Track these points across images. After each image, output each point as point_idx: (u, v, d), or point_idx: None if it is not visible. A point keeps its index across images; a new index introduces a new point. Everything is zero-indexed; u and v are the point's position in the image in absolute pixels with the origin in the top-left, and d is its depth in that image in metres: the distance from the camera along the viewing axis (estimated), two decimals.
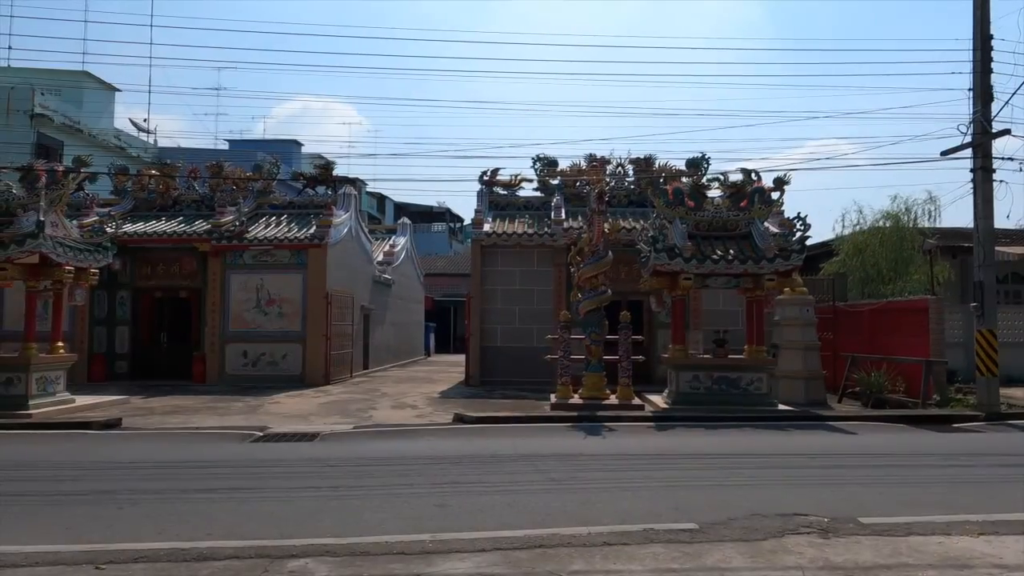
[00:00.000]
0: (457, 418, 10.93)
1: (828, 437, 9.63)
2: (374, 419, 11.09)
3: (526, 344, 17.06)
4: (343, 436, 9.45)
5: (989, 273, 11.81)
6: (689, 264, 12.00)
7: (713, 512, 5.57)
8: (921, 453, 8.38)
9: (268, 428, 9.95)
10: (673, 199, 12.82)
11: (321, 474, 6.91)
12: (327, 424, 10.45)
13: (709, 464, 7.63)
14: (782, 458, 7.98)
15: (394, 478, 6.74)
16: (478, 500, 5.90)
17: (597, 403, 12.06)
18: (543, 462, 7.54)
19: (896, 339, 14.43)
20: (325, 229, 17.15)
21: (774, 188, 12.88)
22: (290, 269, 17.16)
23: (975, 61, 11.87)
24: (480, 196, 19.14)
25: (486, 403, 13.15)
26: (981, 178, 11.77)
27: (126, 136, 29.18)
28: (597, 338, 12.43)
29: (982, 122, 11.68)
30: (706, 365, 12.40)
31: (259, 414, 11.59)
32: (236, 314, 17.18)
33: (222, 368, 17.03)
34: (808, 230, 12.13)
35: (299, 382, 16.56)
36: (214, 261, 17.22)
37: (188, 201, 19.33)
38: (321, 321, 16.80)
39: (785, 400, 12.80)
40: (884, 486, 6.56)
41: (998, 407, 11.55)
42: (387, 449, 8.40)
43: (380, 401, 13.63)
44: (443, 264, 39.69)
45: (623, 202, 18.88)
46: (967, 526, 5.28)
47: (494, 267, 17.49)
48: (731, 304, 17.12)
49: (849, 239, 18.48)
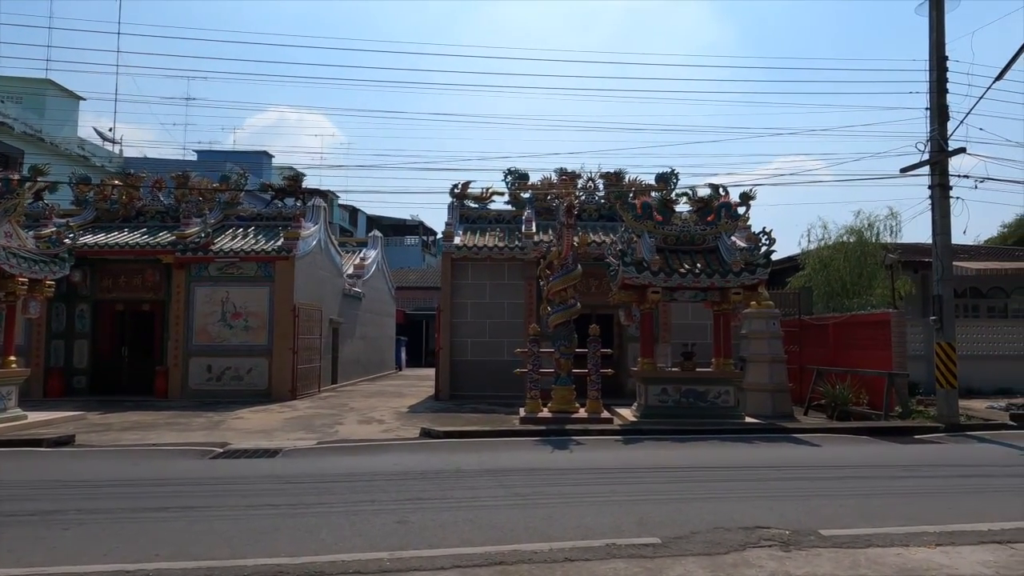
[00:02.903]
0: (424, 433, 10.80)
1: (793, 449, 9.70)
2: (339, 434, 10.90)
3: (497, 357, 16.99)
4: (306, 452, 9.26)
5: (947, 287, 12.06)
6: (657, 278, 12.08)
7: (676, 526, 5.54)
8: (883, 465, 8.48)
9: (229, 444, 9.71)
10: (642, 213, 12.92)
11: (280, 491, 6.74)
12: (290, 440, 10.24)
13: (675, 477, 7.62)
14: (747, 471, 8.01)
15: (355, 495, 6.60)
16: (440, 517, 5.79)
17: (566, 417, 12.02)
18: (509, 477, 7.46)
19: (860, 352, 14.67)
20: (293, 241, 16.93)
21: (740, 203, 13.03)
22: (257, 282, 16.89)
23: (931, 81, 12.20)
24: (451, 209, 19.10)
25: (455, 417, 13.03)
26: (939, 195, 12.06)
27: (90, 146, 28.58)
28: (566, 351, 12.42)
29: (939, 140, 11.99)
30: (674, 378, 12.45)
31: (221, 430, 11.32)
32: (200, 327, 16.83)
33: (185, 383, 16.65)
34: (773, 244, 12.30)
35: (265, 397, 16.26)
36: (178, 273, 16.88)
37: (152, 212, 18.97)
38: (288, 335, 16.55)
39: (752, 413, 12.90)
40: (846, 498, 6.60)
41: (957, 419, 11.77)
42: (350, 465, 8.24)
43: (347, 416, 13.42)
44: (415, 277, 39.48)
45: (593, 216, 19.00)
46: (925, 537, 5.33)
47: (464, 280, 17.43)
48: (700, 317, 17.26)
49: (814, 254, 18.82)
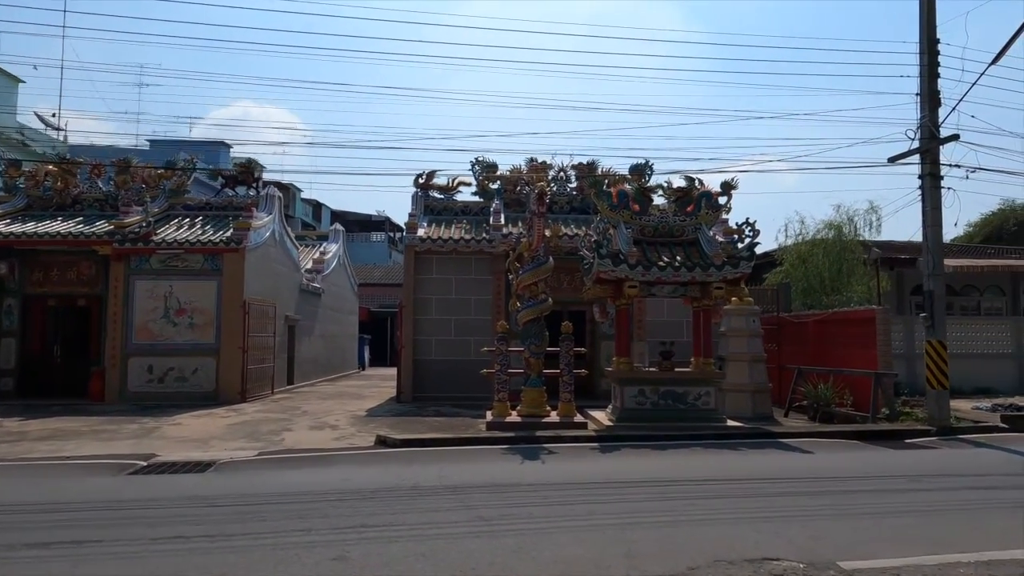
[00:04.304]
0: (380, 441, 9.77)
1: (784, 458, 8.92)
2: (285, 443, 9.80)
3: (462, 357, 16.01)
4: (243, 465, 8.16)
5: (939, 283, 11.45)
6: (635, 271, 11.22)
7: (670, 558, 4.65)
8: (884, 475, 7.72)
9: (155, 456, 8.56)
10: (618, 202, 12.04)
11: (198, 518, 5.66)
12: (228, 450, 9.12)
13: (661, 493, 6.74)
14: (739, 484, 7.17)
15: (289, 521, 5.56)
16: (388, 550, 4.81)
17: (537, 421, 11.10)
18: (472, 495, 6.50)
19: (842, 350, 14.05)
20: (243, 232, 15.70)
21: (721, 193, 12.25)
22: (203, 275, 15.63)
23: (922, 65, 11.58)
24: (415, 199, 18.05)
25: (416, 422, 12.02)
26: (929, 184, 11.43)
27: (32, 132, 26.80)
28: (537, 350, 11.50)
29: (930, 127, 11.36)
30: (652, 379, 11.61)
31: (152, 438, 10.13)
32: (141, 324, 15.51)
33: (124, 385, 15.32)
34: (757, 236, 11.54)
35: (212, 399, 15.03)
36: (116, 266, 15.53)
37: (90, 200, 17.57)
38: (237, 332, 15.33)
39: (731, 414, 12.13)
40: (856, 517, 5.79)
41: (949, 421, 11.16)
42: (290, 482, 7.18)
43: (298, 421, 12.30)
44: (380, 274, 38.21)
45: (564, 208, 18.14)
46: (961, 570, 4.53)
47: (429, 275, 16.40)
48: (675, 314, 16.51)
49: (793, 249, 18.25)
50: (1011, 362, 16.93)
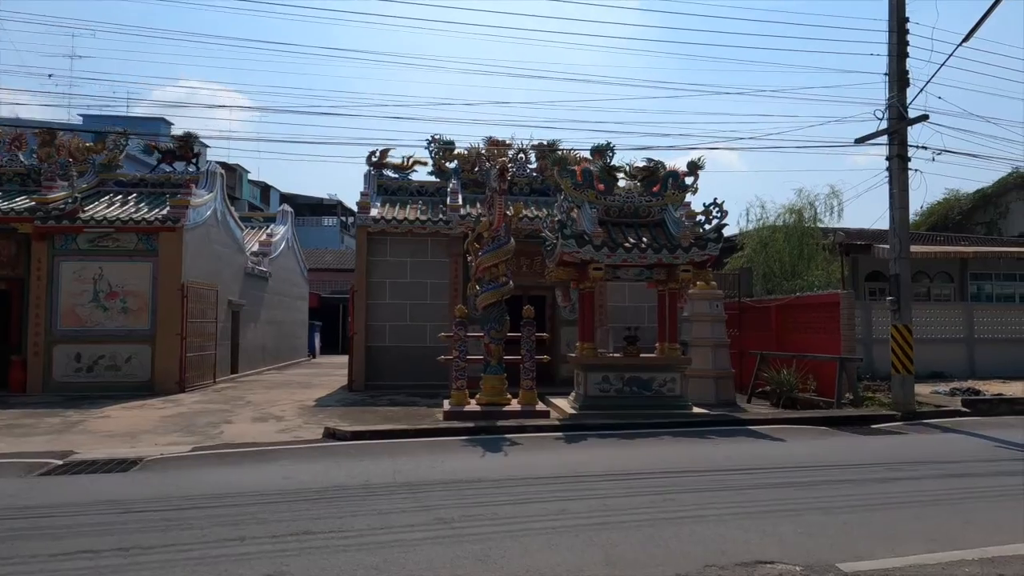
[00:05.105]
0: (328, 433, 9.04)
1: (756, 446, 8.58)
2: (224, 436, 8.99)
3: (418, 343, 15.32)
4: (173, 463, 7.35)
5: (904, 266, 11.29)
6: (600, 253, 10.73)
7: (655, 565, 4.15)
8: (861, 463, 7.42)
9: (73, 454, 7.67)
10: (582, 181, 11.50)
11: (112, 527, 4.90)
12: (159, 445, 8.28)
13: (635, 488, 6.25)
14: (716, 476, 6.75)
15: (220, 528, 4.86)
16: (333, 562, 4.17)
17: (497, 410, 10.54)
18: (430, 493, 5.89)
19: (805, 335, 13.91)
20: (181, 210, 14.61)
21: (688, 172, 11.83)
22: (137, 256, 14.51)
23: (891, 44, 11.35)
24: (367, 178, 17.19)
25: (368, 412, 11.32)
26: (897, 166, 11.23)
27: None
28: (497, 336, 10.91)
29: (898, 108, 11.15)
30: (617, 365, 11.17)
31: (74, 433, 9.19)
32: (68, 309, 14.32)
33: (48, 374, 14.15)
34: (725, 217, 11.16)
35: (147, 390, 13.99)
36: (39, 246, 14.28)
37: (10, 174, 16.18)
38: (175, 317, 14.28)
39: (694, 400, 11.79)
40: (844, 511, 5.41)
41: (914, 406, 11.05)
42: (225, 482, 6.43)
43: (240, 412, 11.45)
44: (331, 259, 37.01)
45: (524, 190, 17.52)
46: (966, 569, 4.16)
47: (382, 257, 15.61)
48: (637, 299, 16.18)
49: (755, 234, 18.08)
50: (962, 346, 17.14)
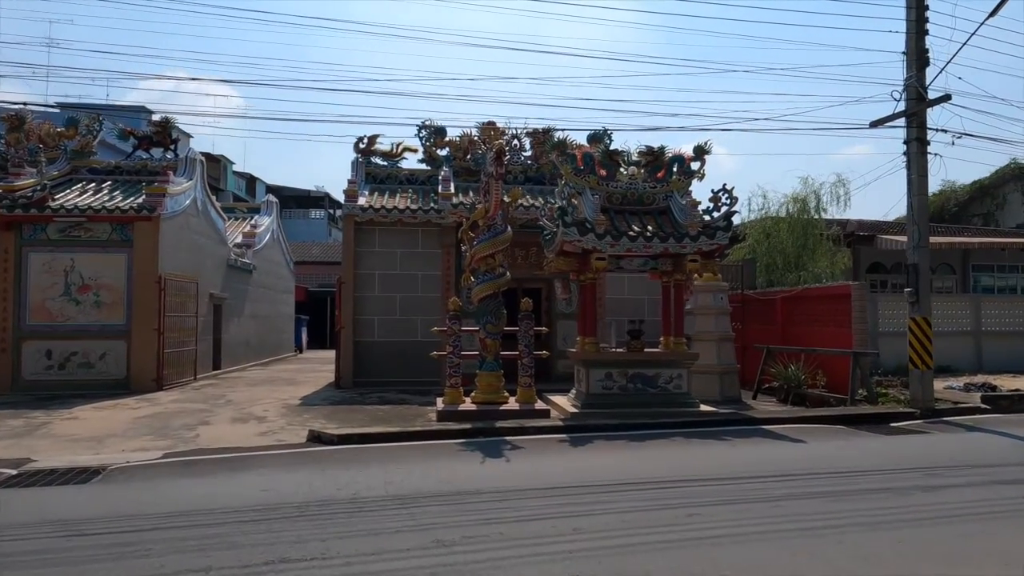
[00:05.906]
0: (313, 436, 8.36)
1: (776, 448, 7.98)
2: (200, 441, 8.29)
3: (409, 338, 14.65)
4: (139, 472, 6.64)
5: (924, 255, 10.72)
6: (603, 241, 10.07)
7: None
8: (894, 468, 6.82)
9: (30, 462, 6.95)
10: (583, 166, 10.83)
11: (58, 556, 4.21)
12: (126, 451, 7.56)
13: (656, 500, 5.62)
14: (740, 485, 6.12)
15: (182, 555, 4.18)
16: None
17: (494, 409, 9.90)
18: (426, 508, 5.24)
19: (814, 328, 13.34)
20: (158, 198, 13.82)
21: (694, 157, 11.20)
22: (111, 247, 13.71)
23: (909, 21, 10.74)
24: (355, 166, 16.45)
25: (357, 411, 10.64)
26: (916, 150, 10.64)
27: None
28: (494, 330, 10.26)
29: (917, 88, 10.55)
30: (621, 361, 10.55)
31: (35, 437, 8.45)
32: (37, 303, 13.53)
33: (17, 372, 13.37)
34: (735, 204, 10.54)
35: (123, 387, 13.24)
36: (6, 236, 13.46)
37: None
38: (152, 312, 13.52)
39: (699, 397, 11.17)
40: (892, 526, 4.80)
41: (933, 403, 10.50)
42: (195, 495, 5.73)
43: (219, 412, 10.73)
44: (319, 251, 36.20)
45: (519, 179, 16.82)
46: None
47: (371, 247, 14.90)
48: (636, 291, 15.58)
49: (758, 224, 17.50)
50: (970, 339, 16.67)
